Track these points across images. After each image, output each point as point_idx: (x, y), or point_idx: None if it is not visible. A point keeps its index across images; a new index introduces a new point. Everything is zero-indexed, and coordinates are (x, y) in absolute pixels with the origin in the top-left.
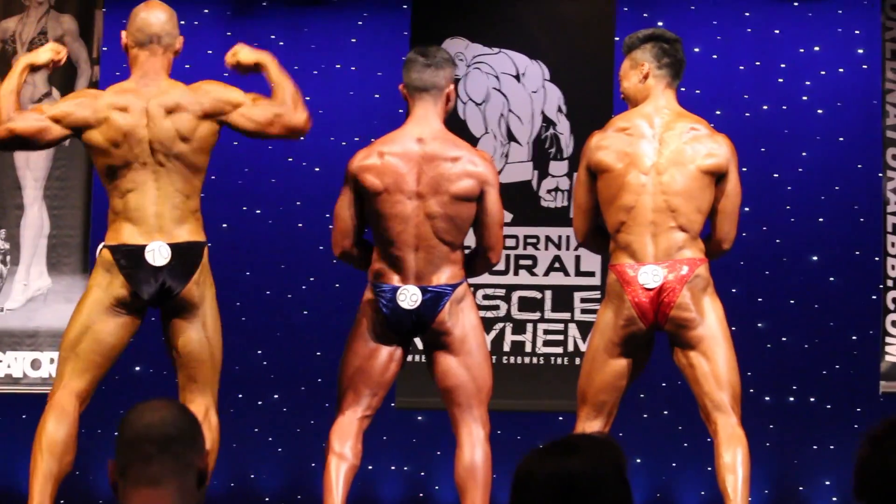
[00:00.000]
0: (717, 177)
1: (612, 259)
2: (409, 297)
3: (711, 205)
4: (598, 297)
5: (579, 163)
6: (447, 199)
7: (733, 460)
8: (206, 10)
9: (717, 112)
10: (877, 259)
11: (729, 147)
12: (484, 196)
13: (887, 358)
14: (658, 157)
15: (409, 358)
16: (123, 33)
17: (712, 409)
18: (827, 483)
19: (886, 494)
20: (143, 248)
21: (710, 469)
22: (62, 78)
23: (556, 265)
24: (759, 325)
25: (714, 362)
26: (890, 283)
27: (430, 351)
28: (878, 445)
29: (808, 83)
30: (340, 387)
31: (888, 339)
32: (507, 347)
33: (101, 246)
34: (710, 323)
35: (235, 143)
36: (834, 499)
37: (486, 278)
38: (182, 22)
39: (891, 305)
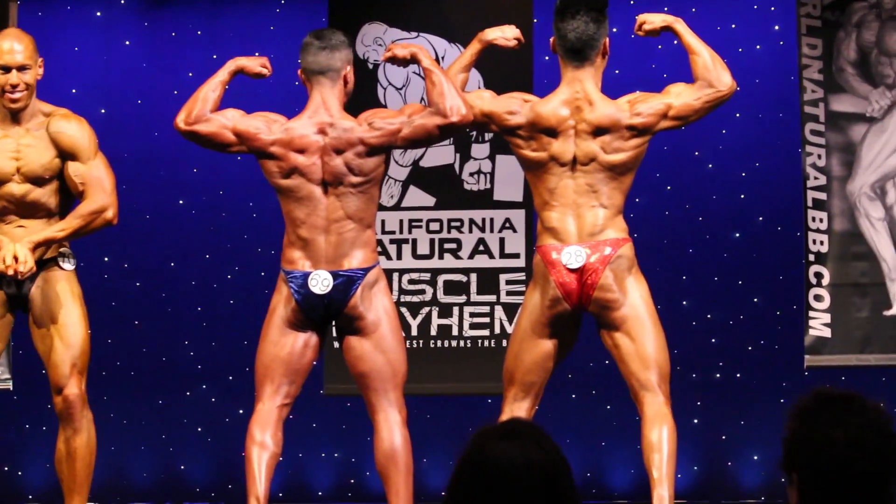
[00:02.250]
0: (635, 158)
1: (538, 240)
2: (321, 281)
3: (632, 182)
4: (523, 278)
5: (511, 94)
6: (359, 180)
7: (658, 439)
8: (123, 1)
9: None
10: (798, 234)
11: (628, 110)
12: (383, 147)
13: (811, 332)
14: (575, 149)
15: (336, 345)
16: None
17: (639, 389)
18: (755, 458)
19: (820, 468)
20: None
21: (639, 447)
22: None
23: (481, 248)
24: (684, 303)
25: (639, 342)
26: (812, 257)
27: (343, 336)
28: (813, 419)
29: (725, 61)
30: (257, 376)
31: (811, 314)
32: (433, 331)
33: None
34: (634, 303)
35: (156, 134)
36: (762, 473)
37: (410, 263)
38: (98, 13)
39: (813, 280)
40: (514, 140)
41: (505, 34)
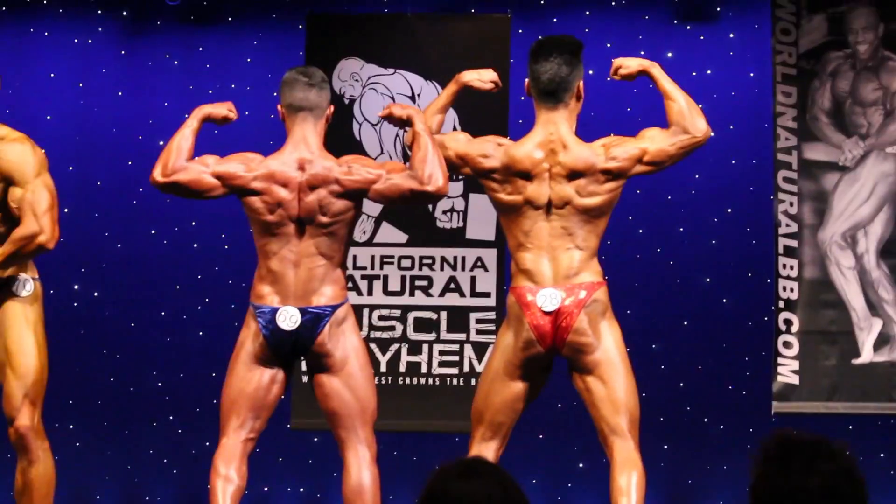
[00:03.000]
0: (609, 202)
1: (512, 281)
2: (289, 318)
3: (606, 224)
4: (494, 317)
5: (486, 137)
6: (328, 220)
7: (627, 484)
8: (101, 29)
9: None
10: (769, 281)
11: (603, 154)
12: (355, 192)
13: (779, 378)
14: (550, 192)
15: (304, 379)
16: None
17: (609, 434)
18: (720, 503)
19: None
20: None
21: (606, 490)
22: None
23: (452, 286)
24: (654, 346)
25: (611, 387)
26: (781, 304)
27: (312, 373)
28: (783, 466)
29: (700, 106)
30: (223, 410)
31: (780, 360)
32: (402, 368)
33: None
34: (608, 347)
35: (130, 163)
36: None
37: (381, 299)
38: (75, 40)
39: (782, 327)
40: (489, 183)
41: (482, 77)
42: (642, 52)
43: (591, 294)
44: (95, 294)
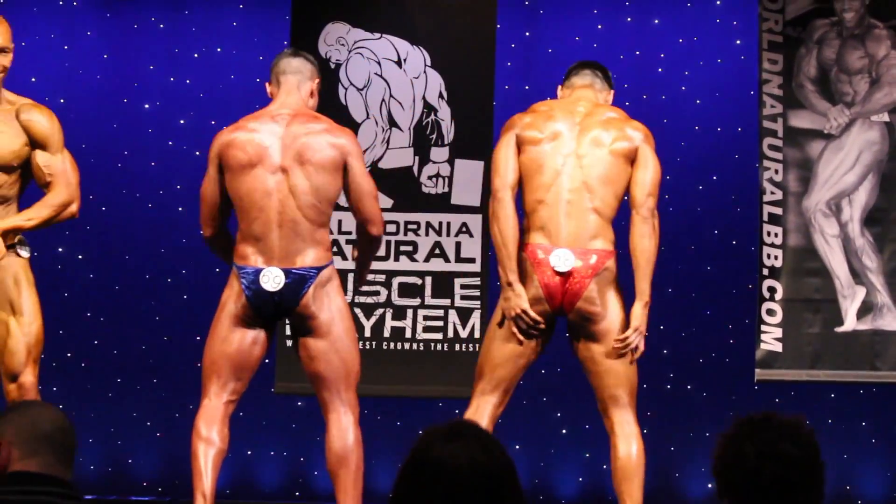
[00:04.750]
0: (631, 159)
1: (525, 237)
2: (272, 278)
3: (626, 188)
4: (478, 283)
5: (501, 134)
6: (311, 170)
7: (632, 462)
8: None
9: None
10: (753, 248)
11: (643, 131)
12: (348, 168)
13: (762, 346)
14: (577, 142)
15: (289, 343)
16: None
17: (611, 404)
18: (703, 469)
19: (738, 485)
20: None
21: (587, 455)
22: None
23: (437, 251)
24: None
25: (616, 358)
26: (766, 271)
27: (296, 335)
28: (730, 442)
29: (686, 73)
30: (205, 371)
31: (763, 328)
32: (387, 333)
33: None
34: (615, 318)
35: (115, 126)
36: (709, 485)
37: None
38: (60, 2)
39: (766, 294)
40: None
41: None
42: (629, 19)
43: (603, 262)
44: (80, 257)
